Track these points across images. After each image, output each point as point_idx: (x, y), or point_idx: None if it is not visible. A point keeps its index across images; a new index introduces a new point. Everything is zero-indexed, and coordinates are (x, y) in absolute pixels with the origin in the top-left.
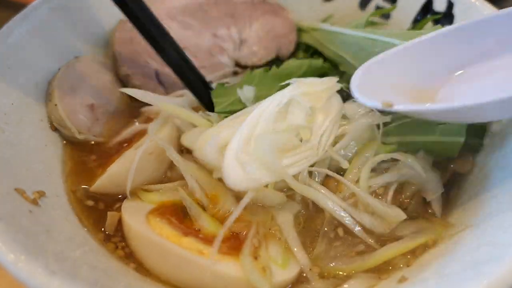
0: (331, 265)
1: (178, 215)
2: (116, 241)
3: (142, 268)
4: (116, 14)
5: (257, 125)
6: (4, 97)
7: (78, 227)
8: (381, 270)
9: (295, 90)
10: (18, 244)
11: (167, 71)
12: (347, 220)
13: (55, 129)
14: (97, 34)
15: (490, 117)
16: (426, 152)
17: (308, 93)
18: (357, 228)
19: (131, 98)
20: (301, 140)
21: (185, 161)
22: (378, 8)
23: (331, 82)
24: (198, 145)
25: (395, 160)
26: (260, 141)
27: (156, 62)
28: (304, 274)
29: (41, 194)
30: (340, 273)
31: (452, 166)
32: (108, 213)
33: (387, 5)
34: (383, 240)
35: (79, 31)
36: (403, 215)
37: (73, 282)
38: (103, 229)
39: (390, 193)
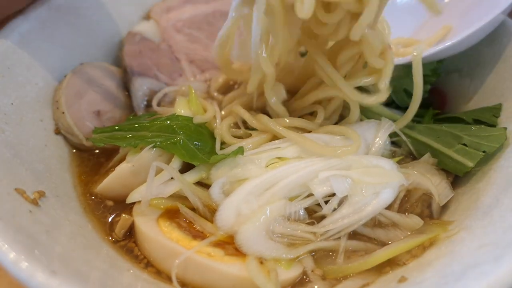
0: (332, 266)
1: (186, 218)
2: (118, 241)
3: (144, 268)
4: (119, 15)
5: (276, 185)
6: (4, 97)
7: (79, 227)
8: (380, 269)
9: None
10: (18, 244)
11: (175, 83)
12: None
13: (58, 132)
14: (99, 35)
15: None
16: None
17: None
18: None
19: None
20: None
21: (183, 178)
22: None
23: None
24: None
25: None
26: (271, 210)
27: (164, 76)
28: (306, 276)
29: (41, 194)
30: (340, 274)
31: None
32: (122, 216)
33: None
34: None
35: (80, 32)
36: (421, 222)
37: (73, 282)
38: (105, 230)
39: (398, 201)
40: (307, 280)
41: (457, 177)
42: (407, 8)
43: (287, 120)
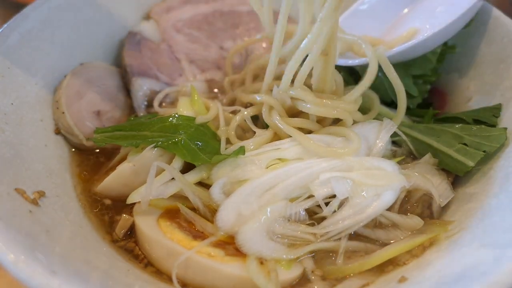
0: (332, 266)
1: (186, 218)
2: (119, 241)
3: (144, 268)
4: (119, 15)
5: (277, 186)
6: (4, 97)
7: (79, 227)
8: (380, 269)
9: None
10: (18, 244)
11: (175, 83)
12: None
13: (58, 132)
14: (99, 34)
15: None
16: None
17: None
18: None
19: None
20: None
21: (184, 178)
22: None
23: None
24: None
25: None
26: (272, 210)
27: (164, 76)
28: (306, 277)
29: (41, 194)
30: (340, 274)
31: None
32: (123, 216)
33: None
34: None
35: (80, 32)
36: (421, 222)
37: (73, 282)
38: (105, 229)
39: (398, 202)
40: (307, 280)
41: (458, 177)
42: (372, 13)
43: (293, 120)
